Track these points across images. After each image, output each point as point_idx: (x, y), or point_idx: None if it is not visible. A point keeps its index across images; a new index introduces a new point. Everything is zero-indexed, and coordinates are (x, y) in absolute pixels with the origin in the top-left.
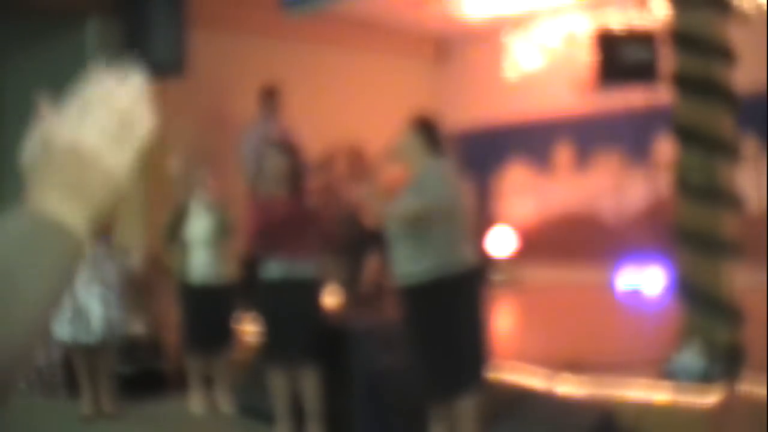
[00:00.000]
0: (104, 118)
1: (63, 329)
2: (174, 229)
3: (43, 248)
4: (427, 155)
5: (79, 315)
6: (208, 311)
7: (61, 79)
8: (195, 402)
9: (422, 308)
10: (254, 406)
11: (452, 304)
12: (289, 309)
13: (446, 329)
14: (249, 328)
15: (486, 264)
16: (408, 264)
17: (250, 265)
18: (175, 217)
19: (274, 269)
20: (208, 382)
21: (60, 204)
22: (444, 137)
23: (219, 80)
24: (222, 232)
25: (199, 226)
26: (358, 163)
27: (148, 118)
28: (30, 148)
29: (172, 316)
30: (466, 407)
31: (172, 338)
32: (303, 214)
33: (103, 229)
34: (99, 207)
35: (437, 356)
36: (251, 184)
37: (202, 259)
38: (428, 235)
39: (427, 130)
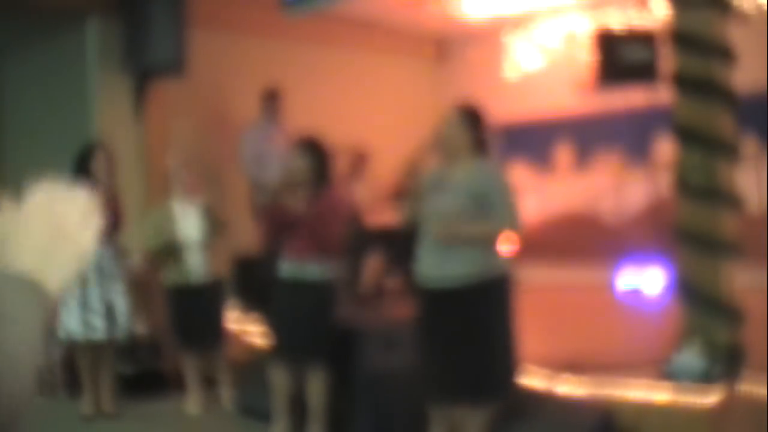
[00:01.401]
0: (40, 233)
1: (96, 328)
2: (161, 230)
3: (23, 303)
4: (474, 153)
5: (109, 312)
6: (201, 310)
7: (62, 80)
8: (191, 402)
9: (449, 313)
10: (254, 406)
11: (482, 312)
12: (299, 309)
13: (473, 337)
14: (248, 328)
15: (514, 269)
16: (441, 266)
17: (246, 264)
18: (161, 218)
19: (285, 269)
20: (206, 382)
21: (36, 268)
22: (490, 135)
23: (219, 80)
24: (213, 230)
25: (191, 226)
26: (359, 163)
27: (90, 234)
28: (7, 217)
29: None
30: (480, 414)
31: (170, 338)
32: (320, 215)
33: (113, 228)
34: (70, 273)
35: (459, 363)
36: (252, 185)
37: (195, 258)
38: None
39: (474, 123)
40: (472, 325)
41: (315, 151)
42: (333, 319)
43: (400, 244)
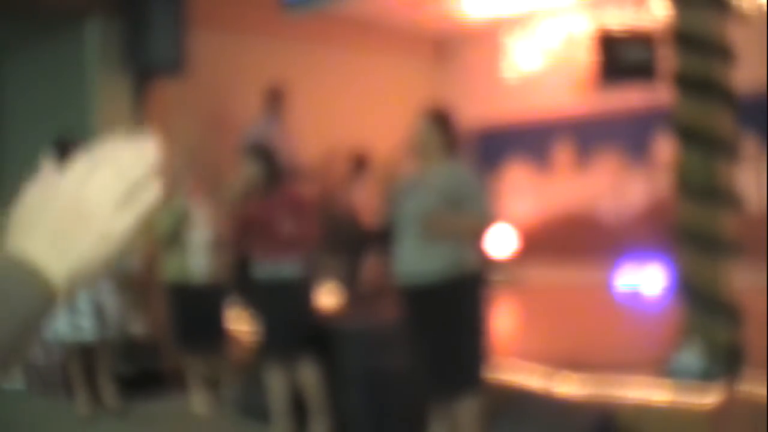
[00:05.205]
0: (111, 180)
1: (83, 329)
2: (176, 232)
3: (7, 289)
4: (445, 155)
5: (98, 312)
6: (202, 312)
7: (61, 79)
8: (197, 402)
9: (426, 309)
10: (254, 406)
11: (457, 306)
12: (276, 308)
13: (449, 331)
14: (245, 328)
15: (488, 265)
16: (416, 264)
17: (245, 263)
18: (176, 219)
19: (259, 270)
20: (206, 382)
21: (42, 250)
22: (460, 135)
23: (219, 80)
24: (216, 236)
25: (203, 227)
26: (359, 164)
27: (156, 190)
28: (28, 196)
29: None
30: (468, 407)
31: (171, 338)
32: (277, 216)
33: None
34: (86, 263)
35: (438, 358)
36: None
37: (203, 259)
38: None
39: (444, 125)
40: (447, 320)
41: (264, 156)
42: (312, 314)
43: None
